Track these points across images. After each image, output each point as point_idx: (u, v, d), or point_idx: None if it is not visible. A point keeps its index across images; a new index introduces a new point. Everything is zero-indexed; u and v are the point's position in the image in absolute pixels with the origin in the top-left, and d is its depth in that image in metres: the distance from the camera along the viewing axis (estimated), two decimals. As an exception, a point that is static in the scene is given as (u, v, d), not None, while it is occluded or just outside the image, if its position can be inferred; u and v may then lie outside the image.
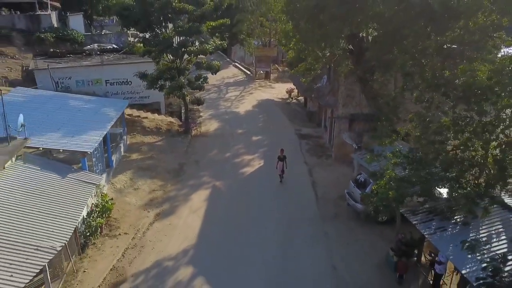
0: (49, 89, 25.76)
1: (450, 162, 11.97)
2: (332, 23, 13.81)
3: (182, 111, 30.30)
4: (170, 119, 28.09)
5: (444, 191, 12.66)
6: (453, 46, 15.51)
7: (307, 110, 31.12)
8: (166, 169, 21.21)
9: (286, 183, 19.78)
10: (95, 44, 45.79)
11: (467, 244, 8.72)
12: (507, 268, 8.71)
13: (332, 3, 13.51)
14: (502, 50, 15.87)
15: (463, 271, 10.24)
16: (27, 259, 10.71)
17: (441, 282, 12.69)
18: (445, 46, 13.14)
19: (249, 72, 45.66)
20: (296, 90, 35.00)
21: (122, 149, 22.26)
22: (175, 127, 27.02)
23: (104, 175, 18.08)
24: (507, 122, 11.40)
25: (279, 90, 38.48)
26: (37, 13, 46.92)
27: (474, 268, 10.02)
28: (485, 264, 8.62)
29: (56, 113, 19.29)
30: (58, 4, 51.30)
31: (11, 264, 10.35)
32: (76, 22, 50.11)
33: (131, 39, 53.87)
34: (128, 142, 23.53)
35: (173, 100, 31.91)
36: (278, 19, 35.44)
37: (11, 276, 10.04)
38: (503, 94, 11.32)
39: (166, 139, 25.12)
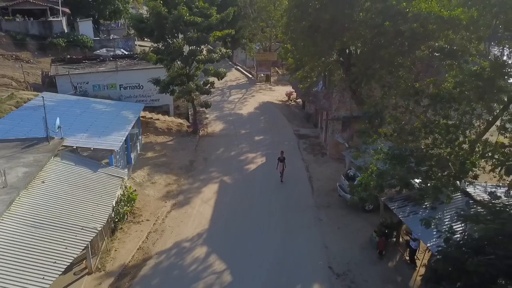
0: (69, 93, 28.27)
1: (421, 158, 14.48)
2: (324, 41, 16.34)
3: (190, 112, 32.82)
4: (179, 120, 30.61)
5: (417, 182, 15.18)
6: (435, 54, 18.11)
7: (305, 112, 33.62)
8: (178, 166, 23.73)
9: (285, 178, 22.17)
10: (104, 49, 48.27)
11: (424, 221, 11.24)
12: (457, 237, 11.21)
13: (324, 24, 16.06)
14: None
15: (428, 244, 12.80)
16: (76, 236, 13.21)
17: (415, 258, 15.23)
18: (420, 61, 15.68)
19: (250, 76, 48.15)
20: (295, 93, 37.50)
21: (138, 148, 24.78)
22: (184, 128, 29.54)
23: (126, 170, 20.57)
24: (467, 125, 13.96)
25: (279, 93, 40.96)
26: (49, 19, 49.28)
27: (436, 241, 12.55)
28: (439, 234, 11.13)
29: (82, 116, 21.82)
30: (67, 10, 53.53)
31: (64, 240, 12.84)
32: (86, 27, 52.48)
33: (137, 43, 56.40)
34: (143, 142, 26.04)
35: (181, 103, 34.43)
36: (278, 24, 38.24)
37: (66, 248, 12.56)
38: (464, 102, 13.90)
39: (176, 138, 27.64)
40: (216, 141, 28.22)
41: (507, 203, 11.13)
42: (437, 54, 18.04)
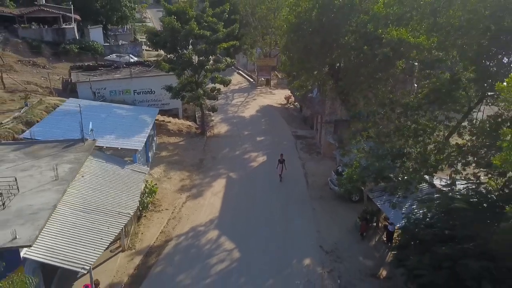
0: (88, 98, 31.35)
1: (395, 156, 17.64)
2: (316, 59, 19.51)
3: (197, 115, 35.97)
4: (188, 123, 33.75)
5: (392, 176, 18.32)
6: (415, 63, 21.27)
7: (302, 115, 36.76)
8: (190, 164, 26.89)
9: (284, 175, 25.10)
10: (114, 55, 51.32)
11: (392, 204, 14.40)
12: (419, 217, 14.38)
13: (315, 46, 19.29)
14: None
15: (398, 225, 15.98)
16: (114, 219, 16.35)
17: (393, 238, 18.41)
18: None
19: (251, 80, 51.29)
20: (293, 97, 40.58)
21: (154, 148, 27.90)
22: (193, 129, 32.69)
23: (146, 167, 23.70)
24: (431, 129, 17.15)
25: (278, 96, 44.08)
26: (62, 26, 52.35)
27: (403, 222, 15.71)
28: (403, 215, 14.31)
29: (107, 120, 24.97)
30: (78, 17, 56.54)
31: (106, 222, 15.97)
32: (96, 34, 55.58)
33: (144, 47, 59.40)
34: (157, 142, 29.18)
35: (188, 106, 37.52)
36: (277, 32, 41.67)
37: (108, 228, 15.71)
38: (428, 110, 17.11)
39: (186, 139, 30.79)
40: (222, 142, 31.37)
41: (451, 188, 14.28)
42: (416, 64, 21.29)
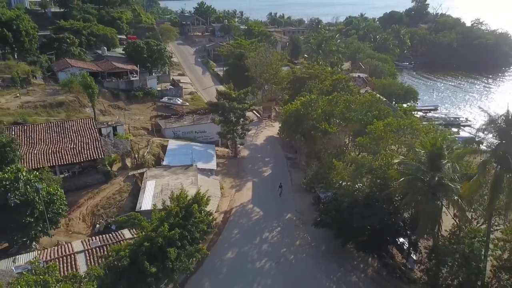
0: (170, 136, 57.12)
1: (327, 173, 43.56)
2: (295, 130, 45.72)
3: (229, 143, 61.67)
4: (226, 149, 59.58)
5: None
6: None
7: (291, 144, 62.64)
8: (232, 174, 52.71)
9: (279, 178, 50.85)
10: (166, 98, 76.58)
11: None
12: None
13: (294, 127, 45.54)
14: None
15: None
16: (215, 198, 42.28)
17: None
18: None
19: (258, 115, 77.15)
20: (286, 131, 66.35)
21: (213, 166, 53.70)
22: (229, 154, 58.52)
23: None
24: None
25: (276, 128, 69.31)
26: (131, 79, 77.73)
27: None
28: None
29: (194, 153, 50.61)
30: (137, 68, 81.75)
31: (212, 199, 41.86)
32: (152, 82, 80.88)
33: (184, 89, 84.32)
34: (213, 162, 54.95)
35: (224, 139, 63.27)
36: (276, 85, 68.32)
37: (213, 201, 41.58)
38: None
39: (227, 160, 56.59)
40: (246, 161, 57.16)
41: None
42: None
